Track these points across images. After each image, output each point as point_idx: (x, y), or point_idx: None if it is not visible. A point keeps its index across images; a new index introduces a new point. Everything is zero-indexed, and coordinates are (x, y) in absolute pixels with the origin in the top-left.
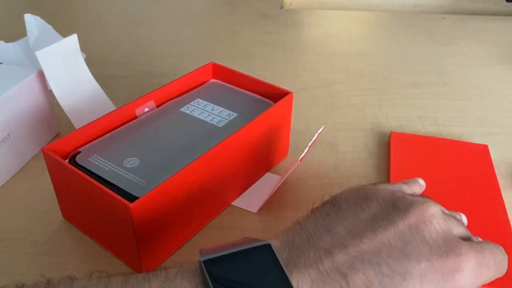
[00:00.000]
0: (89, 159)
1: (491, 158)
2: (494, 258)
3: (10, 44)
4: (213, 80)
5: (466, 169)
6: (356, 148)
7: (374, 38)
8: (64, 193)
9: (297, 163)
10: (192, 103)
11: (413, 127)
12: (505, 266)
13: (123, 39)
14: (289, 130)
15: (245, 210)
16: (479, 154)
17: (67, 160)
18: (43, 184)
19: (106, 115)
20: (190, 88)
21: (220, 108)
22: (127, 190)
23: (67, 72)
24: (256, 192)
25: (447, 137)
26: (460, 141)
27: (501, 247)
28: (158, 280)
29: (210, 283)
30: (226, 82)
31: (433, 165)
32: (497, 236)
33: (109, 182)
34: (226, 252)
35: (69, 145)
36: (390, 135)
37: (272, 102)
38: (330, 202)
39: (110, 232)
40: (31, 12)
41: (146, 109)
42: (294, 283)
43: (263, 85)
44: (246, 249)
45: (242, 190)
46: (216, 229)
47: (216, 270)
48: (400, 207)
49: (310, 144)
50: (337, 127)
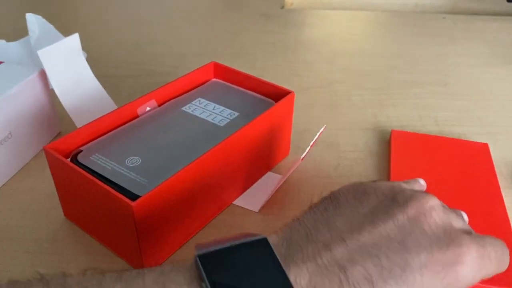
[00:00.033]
0: (91, 158)
1: (491, 156)
2: (495, 251)
3: (11, 43)
4: (214, 80)
5: (467, 167)
6: (357, 148)
7: (375, 38)
8: (65, 192)
9: (299, 162)
10: (193, 102)
11: (413, 126)
12: (507, 261)
13: (124, 38)
14: (290, 130)
15: (246, 209)
16: (480, 152)
17: (68, 159)
18: (44, 183)
19: (107, 114)
20: (192, 87)
21: (221, 107)
22: (128, 189)
23: (69, 71)
24: (257, 191)
25: (447, 136)
26: (460, 140)
27: (502, 242)
28: (152, 275)
29: (205, 278)
30: (227, 82)
31: (434, 163)
32: (497, 235)
33: (111, 181)
34: (222, 246)
35: (71, 144)
36: (391, 133)
37: (273, 102)
38: (329, 198)
39: (112, 230)
40: (32, 12)
41: (148, 108)
42: (291, 277)
43: (264, 85)
44: (243, 243)
45: (244, 189)
46: (217, 228)
47: (211, 264)
48: (399, 200)
49: (312, 143)
50: (338, 127)
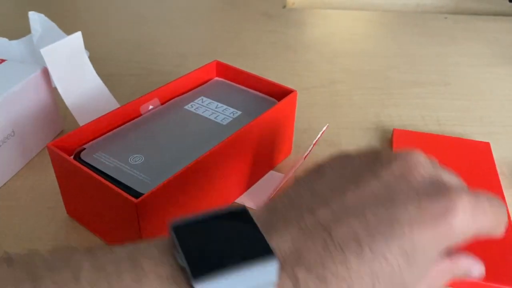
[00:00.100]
0: (94, 155)
1: (493, 156)
2: (490, 204)
3: (14, 42)
4: (217, 78)
5: (468, 166)
6: (359, 147)
7: (376, 37)
8: (68, 190)
9: (302, 160)
10: (196, 101)
11: (415, 126)
12: (504, 218)
13: (127, 37)
14: (292, 129)
15: (248, 207)
16: (481, 151)
17: (71, 157)
18: (47, 181)
19: (110, 112)
20: (194, 86)
21: (224, 106)
22: (132, 187)
23: (72, 70)
24: (259, 189)
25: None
26: (462, 139)
27: (499, 198)
28: (125, 250)
29: (178, 247)
30: (230, 80)
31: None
32: None
33: (114, 178)
34: (199, 217)
35: (74, 142)
36: (392, 132)
37: (275, 100)
38: (313, 168)
39: (115, 228)
40: (35, 10)
41: (151, 107)
42: (273, 243)
43: (266, 84)
44: (221, 214)
45: (246, 188)
46: None
47: (186, 234)
48: (383, 159)
49: (315, 142)
50: (340, 126)
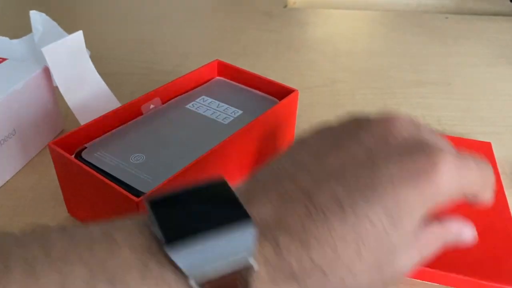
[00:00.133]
0: (95, 154)
1: (494, 155)
2: (476, 164)
3: (15, 41)
4: (218, 78)
5: None
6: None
7: (377, 37)
8: (70, 189)
9: None
10: (197, 100)
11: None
12: (491, 181)
13: (128, 36)
14: (293, 128)
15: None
16: (482, 151)
17: (73, 156)
18: (48, 180)
19: (112, 112)
20: (195, 85)
21: (225, 105)
22: (133, 186)
23: (73, 69)
24: None
25: (450, 135)
26: (463, 138)
27: (485, 161)
28: (99, 226)
29: (153, 218)
30: (231, 80)
31: None
32: (500, 234)
33: (115, 177)
34: (176, 192)
35: (75, 141)
36: None
37: (277, 100)
38: (296, 141)
39: None
40: (36, 9)
41: (152, 106)
42: (253, 211)
43: (268, 83)
44: (199, 186)
45: None
46: None
47: (162, 207)
48: (363, 123)
49: None
50: None
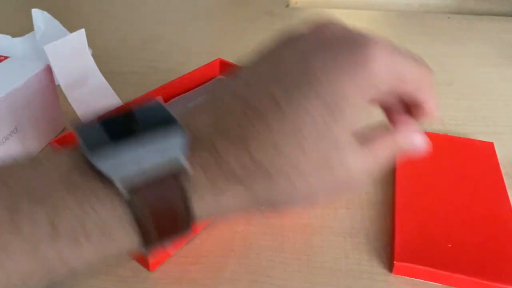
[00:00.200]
0: None
1: (497, 156)
2: (412, 57)
3: (17, 39)
4: (220, 77)
5: (472, 166)
6: None
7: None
8: None
9: None
10: (199, 99)
11: (419, 125)
12: (429, 78)
13: (130, 35)
14: None
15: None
16: (485, 151)
17: None
18: None
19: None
20: (198, 84)
21: None
22: None
23: (75, 67)
24: None
25: (452, 135)
26: (465, 138)
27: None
28: (29, 157)
29: (79, 138)
30: None
31: (439, 162)
32: (503, 234)
33: None
34: (108, 116)
35: (77, 139)
36: None
37: None
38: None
39: None
40: (38, 7)
41: None
42: (189, 124)
43: None
44: (131, 109)
45: None
46: (222, 224)
47: (87, 128)
48: (296, 34)
49: None
50: None
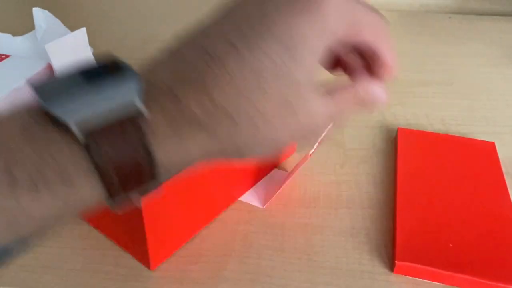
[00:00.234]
0: None
1: (498, 155)
2: (367, 4)
3: (18, 38)
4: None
5: (473, 166)
6: (363, 145)
7: None
8: None
9: (307, 158)
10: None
11: (420, 125)
12: (385, 27)
13: (130, 34)
14: None
15: (252, 205)
16: (486, 151)
17: None
18: None
19: None
20: None
21: None
22: None
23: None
24: (263, 187)
25: (453, 135)
26: (466, 138)
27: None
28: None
29: (34, 92)
30: None
31: (440, 161)
32: (504, 233)
33: None
34: (66, 73)
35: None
36: (397, 131)
37: None
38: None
39: (119, 225)
40: (39, 6)
41: None
42: (149, 76)
43: None
44: (91, 65)
45: (250, 186)
46: (224, 224)
47: (44, 85)
48: None
49: (320, 139)
50: (344, 125)
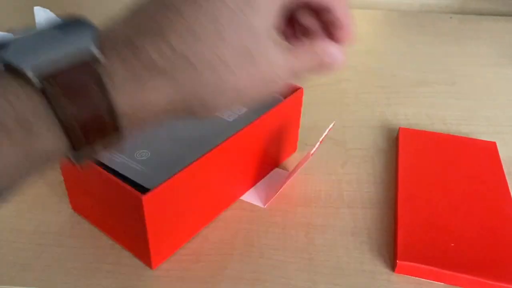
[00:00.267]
0: None
1: (499, 155)
2: None
3: None
4: None
5: (474, 166)
6: (364, 145)
7: (381, 36)
8: (74, 185)
9: (309, 157)
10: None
11: (421, 125)
12: None
13: None
14: (298, 126)
15: (253, 204)
16: (487, 151)
17: None
18: (52, 176)
19: None
20: None
21: None
22: (138, 182)
23: None
24: (264, 187)
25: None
26: (468, 138)
27: None
28: None
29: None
30: None
31: (442, 161)
32: (506, 233)
33: (120, 173)
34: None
35: None
36: (398, 131)
37: (281, 97)
38: None
39: (120, 224)
40: (40, 5)
41: None
42: (107, 32)
43: None
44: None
45: (251, 185)
46: (225, 223)
47: (9, 45)
48: None
49: (321, 139)
50: (346, 124)
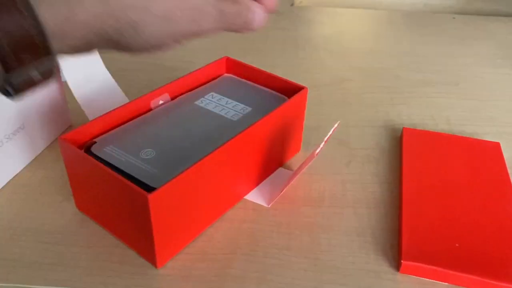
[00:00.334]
0: (104, 149)
1: (503, 155)
2: None
3: None
4: (226, 75)
5: (478, 166)
6: (368, 145)
7: (384, 36)
8: (79, 184)
9: (313, 157)
10: (206, 96)
11: (425, 125)
12: None
13: None
14: (302, 126)
15: (257, 204)
16: (491, 151)
17: (82, 151)
18: (56, 175)
19: (121, 107)
20: (204, 81)
21: (234, 102)
22: (143, 181)
23: (82, 64)
24: (268, 186)
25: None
26: (472, 138)
27: None
28: None
29: None
30: (239, 77)
31: (445, 161)
32: (509, 233)
33: (125, 172)
34: None
35: (84, 136)
36: (402, 131)
37: (285, 97)
38: None
39: (125, 222)
40: None
41: (161, 102)
42: None
43: (276, 80)
44: None
45: (255, 184)
46: (229, 222)
47: None
48: None
49: (326, 138)
50: (349, 124)
